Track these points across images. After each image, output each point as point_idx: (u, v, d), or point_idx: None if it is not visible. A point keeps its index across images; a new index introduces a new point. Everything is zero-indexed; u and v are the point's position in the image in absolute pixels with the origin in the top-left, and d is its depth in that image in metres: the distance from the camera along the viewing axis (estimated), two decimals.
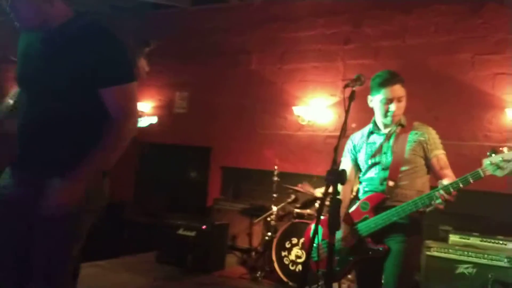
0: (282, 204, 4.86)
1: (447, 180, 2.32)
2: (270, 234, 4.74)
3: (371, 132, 2.62)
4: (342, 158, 2.74)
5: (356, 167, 2.69)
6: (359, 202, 2.54)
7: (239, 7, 6.45)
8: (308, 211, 4.65)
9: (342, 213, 2.45)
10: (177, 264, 4.79)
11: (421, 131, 2.52)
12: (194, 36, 6.66)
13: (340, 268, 2.54)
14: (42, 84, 1.85)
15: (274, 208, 4.80)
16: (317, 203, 4.59)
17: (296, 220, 4.53)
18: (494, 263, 3.60)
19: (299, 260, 4.36)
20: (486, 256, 3.64)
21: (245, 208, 5.39)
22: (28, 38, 1.92)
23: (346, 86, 2.29)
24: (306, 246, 3.26)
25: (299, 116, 5.66)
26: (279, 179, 4.92)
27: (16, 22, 1.85)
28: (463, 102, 4.81)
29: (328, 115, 5.58)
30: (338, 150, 2.11)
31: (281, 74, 5.97)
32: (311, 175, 5.06)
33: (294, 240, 4.43)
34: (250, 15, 6.29)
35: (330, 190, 2.04)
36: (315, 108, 5.59)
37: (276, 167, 4.96)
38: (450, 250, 3.78)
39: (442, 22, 5.00)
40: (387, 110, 2.49)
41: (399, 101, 2.49)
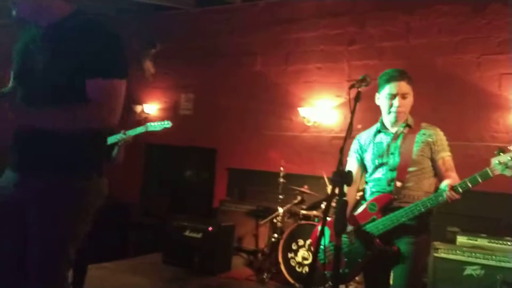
0: (288, 206, 4.86)
1: (447, 181, 2.30)
2: (276, 235, 4.73)
3: (378, 131, 2.60)
4: (348, 158, 2.72)
5: (362, 167, 2.67)
6: (367, 203, 2.53)
7: (243, 9, 6.46)
8: (314, 212, 4.64)
9: (348, 214, 2.43)
10: (183, 265, 4.80)
11: (429, 132, 2.51)
12: (199, 37, 6.67)
13: (349, 270, 2.52)
14: (41, 80, 1.84)
15: (280, 210, 4.79)
16: (323, 205, 4.58)
17: (303, 221, 4.52)
18: (502, 264, 3.57)
19: (305, 262, 4.35)
20: (494, 257, 3.62)
21: (251, 209, 5.38)
22: (28, 35, 1.93)
23: (351, 87, 2.28)
24: (313, 247, 3.24)
25: (304, 117, 5.66)
26: (285, 181, 4.92)
27: (14, 11, 1.84)
28: (469, 103, 4.79)
29: (333, 116, 5.57)
30: (344, 151, 2.10)
31: (286, 75, 5.97)
32: (317, 176, 5.04)
33: (301, 242, 4.42)
34: (254, 16, 6.30)
35: (337, 191, 2.03)
36: (321, 109, 5.59)
37: (282, 169, 4.95)
38: (458, 252, 3.75)
39: (445, 23, 5.00)
40: (390, 105, 2.48)
41: (403, 97, 2.47)
